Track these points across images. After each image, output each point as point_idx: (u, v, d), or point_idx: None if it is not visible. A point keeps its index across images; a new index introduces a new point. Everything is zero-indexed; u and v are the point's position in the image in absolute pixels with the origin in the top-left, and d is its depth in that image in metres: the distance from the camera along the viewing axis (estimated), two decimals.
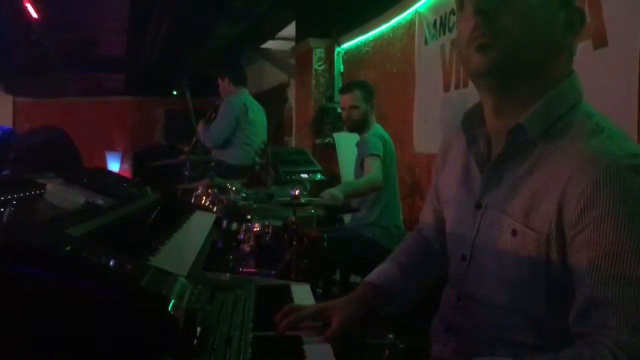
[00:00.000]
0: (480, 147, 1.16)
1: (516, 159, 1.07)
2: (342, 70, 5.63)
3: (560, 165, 0.99)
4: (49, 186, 1.17)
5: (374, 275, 1.35)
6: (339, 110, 4.94)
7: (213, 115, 4.54)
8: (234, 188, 3.13)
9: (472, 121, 1.17)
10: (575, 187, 0.95)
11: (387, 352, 1.32)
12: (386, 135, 3.33)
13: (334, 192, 2.95)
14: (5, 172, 2.13)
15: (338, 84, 5.49)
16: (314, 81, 5.65)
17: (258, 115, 4.62)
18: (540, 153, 1.03)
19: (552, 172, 1.00)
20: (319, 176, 4.40)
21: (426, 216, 1.39)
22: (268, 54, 7.99)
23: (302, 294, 1.51)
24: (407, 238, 1.46)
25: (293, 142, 6.35)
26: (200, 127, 4.60)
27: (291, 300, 1.45)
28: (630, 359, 0.85)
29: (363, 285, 1.35)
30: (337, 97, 5.28)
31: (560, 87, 1.05)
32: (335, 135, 5.10)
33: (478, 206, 1.13)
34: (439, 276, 1.33)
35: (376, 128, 3.36)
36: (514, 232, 1.03)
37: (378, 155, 3.17)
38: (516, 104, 1.06)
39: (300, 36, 6.01)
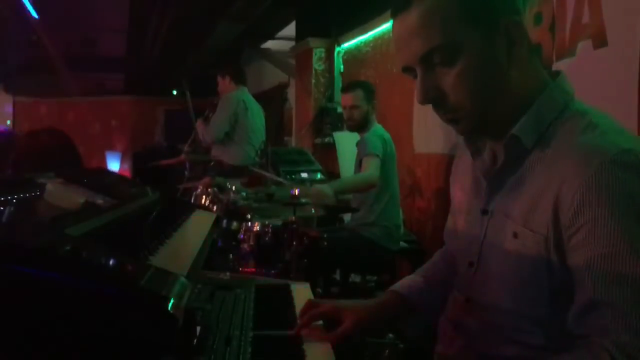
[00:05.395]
0: (484, 157, 1.17)
1: (516, 165, 1.07)
2: (342, 70, 5.62)
3: (556, 165, 0.99)
4: (49, 186, 1.17)
5: (398, 284, 1.36)
6: (339, 110, 4.94)
7: (211, 114, 4.56)
8: (234, 188, 3.13)
9: (474, 136, 1.18)
10: (569, 187, 0.94)
11: (387, 351, 1.32)
12: (387, 136, 3.32)
13: (323, 188, 2.94)
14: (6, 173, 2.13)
15: (338, 84, 5.49)
16: (314, 81, 5.65)
17: (257, 114, 4.64)
18: (538, 156, 1.04)
19: (549, 173, 1.00)
20: (318, 176, 4.40)
21: None
22: (268, 54, 7.99)
23: (302, 294, 1.51)
24: (436, 253, 1.46)
25: (293, 142, 6.35)
26: (199, 126, 4.62)
27: (291, 299, 1.45)
28: (628, 359, 0.84)
29: (386, 292, 1.35)
30: (337, 97, 5.29)
31: (548, 90, 1.06)
32: (335, 135, 5.10)
33: (484, 212, 1.14)
34: None
35: (377, 128, 3.36)
36: (515, 235, 1.03)
37: (377, 155, 3.17)
38: (504, 125, 1.07)
39: (300, 36, 6.01)
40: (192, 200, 3.03)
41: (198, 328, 1.05)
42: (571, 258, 0.95)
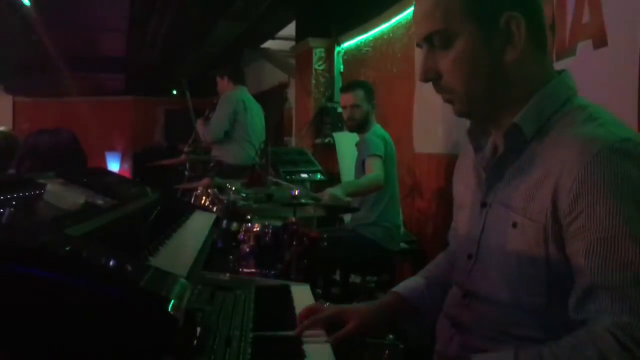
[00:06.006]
0: (486, 152, 1.19)
1: (515, 155, 1.09)
2: (342, 70, 5.62)
3: (555, 155, 1.01)
4: (49, 186, 1.17)
5: (400, 285, 1.37)
6: (339, 110, 4.93)
7: (211, 114, 4.56)
8: (234, 188, 3.13)
9: (477, 131, 1.21)
10: (568, 175, 0.96)
11: (387, 352, 1.32)
12: (387, 135, 3.32)
13: (335, 192, 2.94)
14: (10, 172, 2.13)
15: (338, 84, 5.48)
16: (314, 81, 5.64)
17: (257, 114, 4.65)
18: (537, 146, 1.06)
19: (547, 162, 1.01)
20: (318, 176, 4.40)
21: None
22: (268, 54, 7.98)
23: (302, 294, 1.51)
24: (439, 254, 1.46)
25: (293, 142, 6.34)
26: (199, 126, 4.62)
27: (291, 300, 1.45)
28: (631, 339, 0.85)
29: (388, 294, 1.36)
30: (337, 97, 5.28)
31: (550, 85, 1.08)
32: (335, 135, 5.09)
33: (483, 205, 1.15)
34: None
35: (376, 128, 3.36)
36: (514, 225, 1.05)
37: (379, 156, 3.17)
38: (504, 116, 1.10)
39: (300, 36, 6.01)
40: (192, 201, 3.03)
41: (198, 329, 1.05)
42: (570, 245, 0.96)
